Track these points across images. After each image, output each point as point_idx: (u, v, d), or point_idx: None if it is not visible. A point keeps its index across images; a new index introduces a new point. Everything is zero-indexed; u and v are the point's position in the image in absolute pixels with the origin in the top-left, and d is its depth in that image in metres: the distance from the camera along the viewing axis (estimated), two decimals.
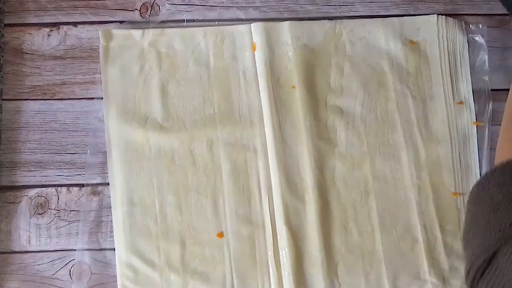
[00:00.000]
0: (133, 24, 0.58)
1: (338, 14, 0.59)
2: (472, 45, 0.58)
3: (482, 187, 0.37)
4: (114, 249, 0.54)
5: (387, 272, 0.54)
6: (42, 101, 0.56)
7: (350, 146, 0.56)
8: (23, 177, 0.55)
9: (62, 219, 0.55)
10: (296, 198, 0.54)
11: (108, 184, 0.55)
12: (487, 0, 0.59)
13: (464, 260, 0.36)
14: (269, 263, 0.54)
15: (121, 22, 0.58)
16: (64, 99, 0.56)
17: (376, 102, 0.57)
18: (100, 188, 0.55)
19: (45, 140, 0.56)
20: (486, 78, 0.57)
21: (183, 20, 0.58)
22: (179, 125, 0.56)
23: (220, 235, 0.54)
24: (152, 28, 0.57)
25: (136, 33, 0.57)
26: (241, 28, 0.57)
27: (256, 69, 0.57)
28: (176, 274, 0.53)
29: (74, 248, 0.54)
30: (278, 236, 0.54)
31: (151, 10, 0.58)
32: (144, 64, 0.57)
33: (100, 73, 0.56)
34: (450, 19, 0.58)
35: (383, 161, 0.56)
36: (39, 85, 0.56)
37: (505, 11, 0.59)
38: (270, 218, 0.54)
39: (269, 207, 0.55)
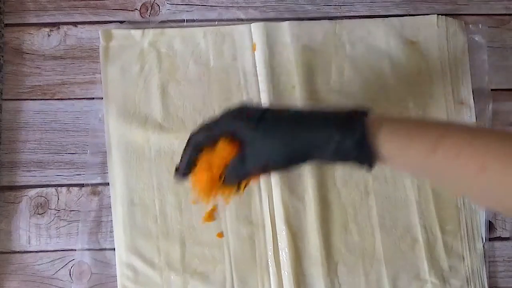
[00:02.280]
0: (133, 24, 0.58)
1: (338, 14, 0.59)
2: (472, 45, 0.58)
3: None
4: (114, 249, 0.54)
5: (387, 272, 0.54)
6: (42, 101, 0.56)
7: None
8: (23, 177, 0.55)
9: (62, 219, 0.55)
10: (296, 198, 0.54)
11: (108, 184, 0.55)
12: (487, 0, 0.59)
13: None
14: (269, 263, 0.54)
15: (121, 22, 0.58)
16: (64, 99, 0.56)
17: (376, 102, 0.57)
18: (100, 188, 0.55)
19: (45, 140, 0.56)
20: (486, 78, 0.57)
21: (183, 20, 0.58)
22: (179, 125, 0.56)
23: (220, 235, 0.54)
24: (152, 28, 0.57)
25: (136, 33, 0.57)
26: (241, 28, 0.57)
27: (256, 69, 0.57)
28: (176, 274, 0.53)
29: (74, 248, 0.54)
30: (278, 236, 0.54)
31: (151, 10, 0.58)
32: (144, 64, 0.57)
33: (100, 73, 0.56)
34: (450, 19, 0.58)
35: None
36: (39, 85, 0.56)
37: (505, 11, 0.59)
38: (270, 218, 0.54)
39: (269, 207, 0.55)
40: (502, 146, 0.35)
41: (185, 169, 0.44)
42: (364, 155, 0.39)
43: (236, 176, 0.43)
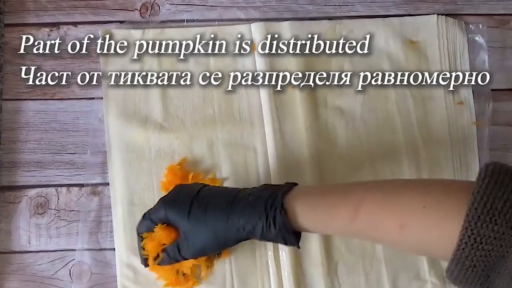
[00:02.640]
0: (133, 24, 0.58)
1: (338, 14, 0.59)
2: (472, 45, 0.58)
3: None
4: (114, 249, 0.54)
5: (387, 272, 0.54)
6: (42, 101, 0.56)
7: (350, 147, 0.56)
8: (23, 177, 0.55)
9: (62, 219, 0.55)
10: None
11: (108, 184, 0.55)
12: (487, 0, 0.59)
13: None
14: (269, 263, 0.54)
15: (121, 22, 0.58)
16: (64, 99, 0.56)
17: (376, 102, 0.57)
18: (100, 188, 0.55)
19: (45, 140, 0.56)
20: (486, 78, 0.57)
21: (183, 20, 0.58)
22: (179, 125, 0.56)
23: None
24: (152, 28, 0.57)
25: (136, 33, 0.57)
26: (241, 28, 0.57)
27: (256, 69, 0.57)
28: None
29: (74, 248, 0.54)
30: None
31: (151, 10, 0.58)
32: (144, 64, 0.57)
33: (100, 73, 0.56)
34: (450, 19, 0.58)
35: (383, 162, 0.56)
36: (39, 85, 0.56)
37: (505, 11, 0.59)
38: None
39: None
40: (418, 203, 0.37)
41: (142, 260, 0.49)
42: (288, 238, 0.42)
43: (173, 260, 0.46)
